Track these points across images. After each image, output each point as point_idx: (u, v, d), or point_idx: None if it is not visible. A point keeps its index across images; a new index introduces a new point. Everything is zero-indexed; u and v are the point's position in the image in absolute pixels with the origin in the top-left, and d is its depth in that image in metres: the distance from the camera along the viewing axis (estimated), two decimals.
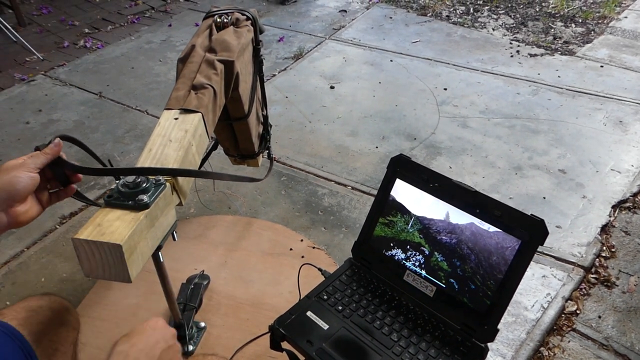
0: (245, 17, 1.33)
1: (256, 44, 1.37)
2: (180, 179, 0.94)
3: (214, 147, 1.60)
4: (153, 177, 0.88)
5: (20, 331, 0.91)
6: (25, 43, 3.24)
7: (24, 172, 0.78)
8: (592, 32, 3.27)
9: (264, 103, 1.60)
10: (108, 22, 3.68)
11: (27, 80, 2.94)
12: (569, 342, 1.43)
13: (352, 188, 2.04)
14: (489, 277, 0.93)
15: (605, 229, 1.79)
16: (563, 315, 1.50)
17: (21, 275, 1.70)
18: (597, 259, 1.67)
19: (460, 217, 0.97)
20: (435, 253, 1.00)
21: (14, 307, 0.97)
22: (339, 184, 2.07)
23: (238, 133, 1.48)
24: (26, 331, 0.92)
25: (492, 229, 0.93)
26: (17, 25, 3.58)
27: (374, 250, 1.09)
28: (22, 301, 1.00)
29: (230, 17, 1.30)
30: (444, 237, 0.99)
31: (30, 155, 0.81)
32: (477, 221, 0.95)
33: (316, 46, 3.23)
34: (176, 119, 1.06)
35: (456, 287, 0.98)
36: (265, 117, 1.63)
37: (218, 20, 1.29)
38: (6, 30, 3.31)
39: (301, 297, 1.04)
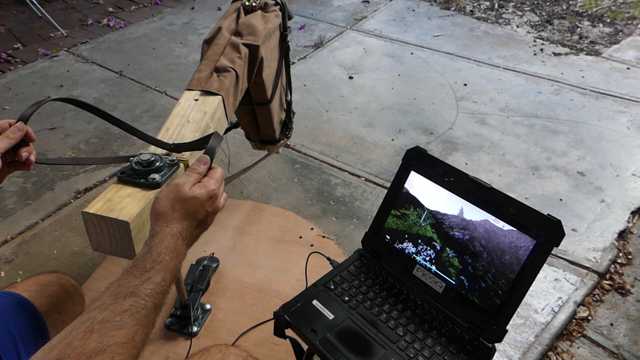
0: (274, 2, 1.31)
1: (284, 30, 1.35)
2: (193, 160, 0.93)
3: (235, 126, 1.60)
4: (167, 156, 0.88)
5: (32, 302, 0.93)
6: (50, 19, 3.26)
7: None
8: (620, 33, 3.19)
9: (288, 89, 1.58)
10: (132, 2, 3.69)
11: (50, 56, 2.97)
12: (578, 348, 1.40)
13: (366, 179, 2.02)
14: (500, 277, 0.92)
15: (622, 235, 1.75)
16: (574, 321, 1.47)
17: (35, 247, 1.72)
18: (613, 265, 1.64)
19: (474, 214, 0.95)
20: (447, 249, 0.99)
21: (25, 282, 1.00)
22: (352, 174, 2.05)
23: (260, 118, 1.47)
24: (36, 303, 0.94)
25: (507, 227, 0.91)
26: (43, 0, 3.61)
27: (385, 242, 1.07)
28: (32, 277, 1.03)
29: (259, 1, 1.28)
30: (456, 233, 0.97)
31: None
32: (491, 218, 0.93)
33: (337, 36, 3.20)
34: (196, 100, 1.05)
35: (466, 284, 0.96)
36: (289, 104, 1.61)
37: (247, 3, 1.27)
38: (32, 6, 3.34)
39: (308, 286, 1.03)
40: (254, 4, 1.27)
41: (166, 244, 0.66)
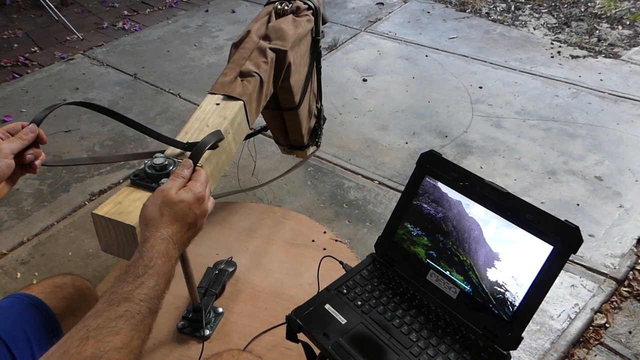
0: (307, 6, 1.28)
1: (316, 35, 1.32)
2: (210, 165, 0.93)
3: (265, 129, 1.59)
4: (181, 160, 0.88)
5: (47, 304, 0.94)
6: (67, 22, 3.31)
7: (1, 160, 0.76)
8: None
9: (319, 96, 1.56)
10: (147, 5, 3.73)
11: (66, 59, 3.01)
12: (595, 356, 1.37)
13: (379, 183, 2.01)
14: (516, 282, 0.90)
15: None
16: (591, 328, 1.44)
17: (50, 248, 1.74)
18: (631, 272, 1.60)
19: (488, 218, 0.94)
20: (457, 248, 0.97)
21: (40, 283, 1.01)
22: (366, 177, 2.04)
23: (288, 123, 1.45)
24: (52, 305, 0.95)
25: (523, 232, 0.89)
26: (59, 4, 3.66)
27: (398, 246, 1.06)
28: (48, 278, 1.03)
29: (291, 5, 1.26)
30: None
31: (5, 136, 0.79)
32: (507, 223, 0.91)
33: (351, 38, 3.19)
34: (217, 104, 1.05)
35: (481, 290, 0.94)
36: (319, 111, 1.58)
37: (279, 7, 1.26)
38: (49, 9, 3.39)
39: (320, 290, 1.03)
40: (285, 7, 1.26)
41: (157, 249, 0.65)
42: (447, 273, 0.98)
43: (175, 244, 0.69)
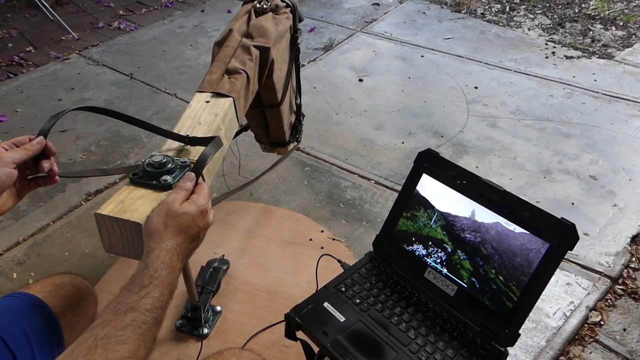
0: (285, 4, 1.30)
1: (294, 32, 1.35)
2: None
3: (245, 129, 1.60)
4: (179, 158, 0.88)
5: (46, 303, 0.94)
6: (62, 22, 3.30)
7: (1, 168, 0.74)
8: (633, 36, 3.16)
9: (298, 92, 1.58)
10: (142, 5, 3.72)
11: (61, 59, 3.00)
12: (590, 353, 1.39)
13: (376, 182, 2.02)
14: (513, 280, 0.91)
15: (635, 239, 1.73)
16: (586, 325, 1.46)
17: (46, 248, 1.73)
18: (626, 270, 1.62)
19: (486, 216, 0.94)
20: (458, 251, 0.98)
21: (39, 282, 1.00)
22: (362, 177, 2.05)
23: (270, 120, 1.47)
24: (51, 304, 0.95)
25: (519, 230, 0.90)
26: (54, 4, 3.65)
27: (396, 244, 1.07)
28: (47, 277, 1.03)
29: (269, 3, 1.28)
30: (467, 235, 0.97)
31: (10, 147, 0.78)
32: (503, 221, 0.92)
33: (347, 38, 3.20)
34: (207, 102, 1.05)
35: (478, 287, 0.95)
36: (299, 107, 1.61)
37: (257, 5, 1.27)
38: (44, 9, 3.37)
39: (319, 288, 1.03)
40: (264, 6, 1.28)
41: (162, 260, 0.66)
42: (444, 270, 0.99)
43: (179, 255, 0.70)
